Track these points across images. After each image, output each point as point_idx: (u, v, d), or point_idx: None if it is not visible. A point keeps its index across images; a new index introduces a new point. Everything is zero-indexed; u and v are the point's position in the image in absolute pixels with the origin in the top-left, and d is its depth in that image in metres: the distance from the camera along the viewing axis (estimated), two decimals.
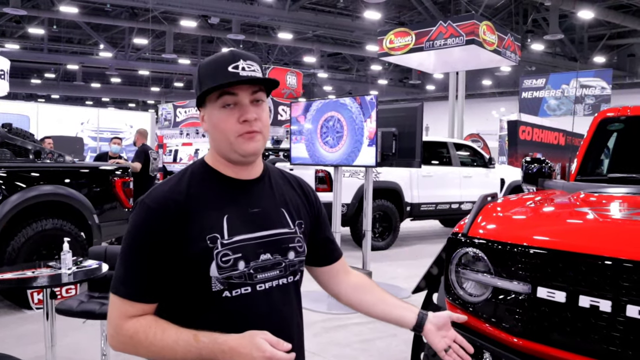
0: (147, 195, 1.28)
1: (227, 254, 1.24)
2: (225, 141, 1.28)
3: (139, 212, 1.25)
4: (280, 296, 1.33)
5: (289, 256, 1.34)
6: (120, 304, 1.23)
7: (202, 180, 1.30)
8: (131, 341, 1.21)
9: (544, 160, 3.38)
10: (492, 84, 33.55)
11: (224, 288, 1.24)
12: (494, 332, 1.97)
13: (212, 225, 1.24)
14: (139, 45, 28.60)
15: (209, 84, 1.26)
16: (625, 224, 2.07)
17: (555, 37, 21.87)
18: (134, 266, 1.23)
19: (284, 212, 1.37)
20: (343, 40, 28.38)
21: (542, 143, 16.06)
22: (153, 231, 1.22)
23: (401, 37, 12.58)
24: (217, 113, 1.28)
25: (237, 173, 1.33)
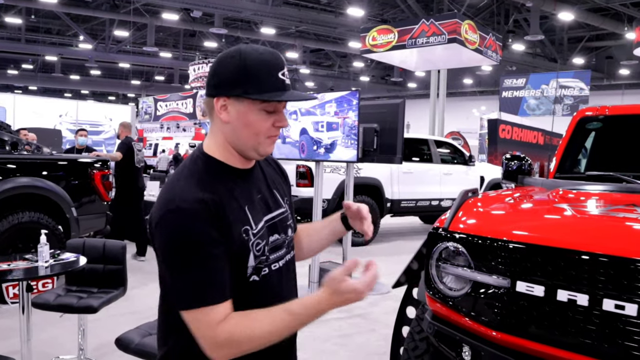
0: (170, 200, 1.20)
1: (259, 243, 1.29)
2: (252, 140, 1.29)
3: (178, 219, 1.18)
4: (286, 272, 1.40)
5: (288, 233, 1.42)
6: (204, 316, 1.17)
7: (217, 174, 1.29)
8: (230, 344, 1.18)
9: (524, 157, 3.42)
10: (473, 82, 33.85)
11: (253, 272, 1.28)
12: (473, 325, 1.98)
13: (241, 218, 1.26)
14: (119, 38, 28.22)
15: (258, 87, 1.24)
16: (602, 220, 2.10)
17: (535, 37, 22.12)
18: (203, 270, 1.17)
19: (276, 194, 1.43)
20: (326, 37, 28.36)
21: (521, 142, 16.27)
22: (203, 230, 1.18)
23: (384, 35, 12.61)
24: (255, 113, 1.27)
25: (240, 163, 1.34)
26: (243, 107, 1.26)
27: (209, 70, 1.35)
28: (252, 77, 1.24)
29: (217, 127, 1.32)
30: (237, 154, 1.32)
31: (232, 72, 1.25)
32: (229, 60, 1.27)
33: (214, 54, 31.08)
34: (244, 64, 1.25)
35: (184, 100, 23.25)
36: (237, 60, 1.26)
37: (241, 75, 1.24)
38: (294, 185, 7.95)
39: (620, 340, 1.64)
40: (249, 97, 1.24)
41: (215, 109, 1.28)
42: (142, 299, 5.18)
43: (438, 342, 2.12)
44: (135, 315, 4.55)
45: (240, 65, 1.25)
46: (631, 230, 1.89)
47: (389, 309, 5.00)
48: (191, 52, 32.22)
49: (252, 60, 1.25)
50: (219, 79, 1.27)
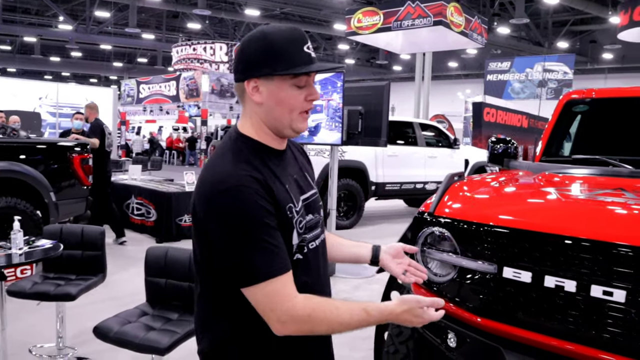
0: (225, 179, 1.22)
1: (301, 221, 1.33)
2: (286, 117, 1.31)
3: (233, 197, 1.20)
4: (322, 251, 1.45)
5: (320, 214, 1.46)
6: (277, 287, 1.21)
7: (257, 154, 1.31)
8: (309, 319, 1.22)
9: (510, 140, 3.38)
10: (458, 66, 33.83)
11: (296, 251, 1.32)
12: (459, 312, 1.95)
13: (284, 196, 1.29)
14: (100, 19, 27.66)
15: (286, 63, 1.26)
16: (590, 204, 2.06)
17: (520, 21, 22.10)
18: (268, 242, 1.21)
19: (307, 175, 1.47)
20: (311, 19, 28.08)
21: (505, 125, 16.32)
22: (260, 205, 1.21)
23: (369, 17, 12.50)
24: (287, 90, 1.29)
25: (277, 144, 1.37)
26: (274, 86, 1.29)
27: (234, 57, 1.38)
28: (279, 54, 1.27)
29: (250, 109, 1.34)
30: (273, 134, 1.35)
31: (259, 53, 1.28)
32: (253, 43, 1.30)
33: (198, 35, 30.65)
34: (269, 43, 1.28)
35: (167, 83, 22.90)
36: (261, 41, 1.29)
37: (268, 54, 1.27)
38: None
39: (608, 327, 1.61)
40: (279, 73, 1.27)
41: (246, 91, 1.31)
42: (123, 285, 5.10)
43: (423, 328, 2.08)
44: (116, 301, 4.48)
45: (266, 44, 1.28)
46: (619, 215, 1.85)
47: (374, 293, 4.99)
48: (174, 33, 31.73)
49: (276, 38, 1.28)
50: (246, 62, 1.30)
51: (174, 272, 2.74)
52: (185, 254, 2.75)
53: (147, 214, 7.51)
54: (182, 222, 7.21)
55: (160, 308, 2.74)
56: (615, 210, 1.88)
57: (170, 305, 2.75)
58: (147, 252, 2.85)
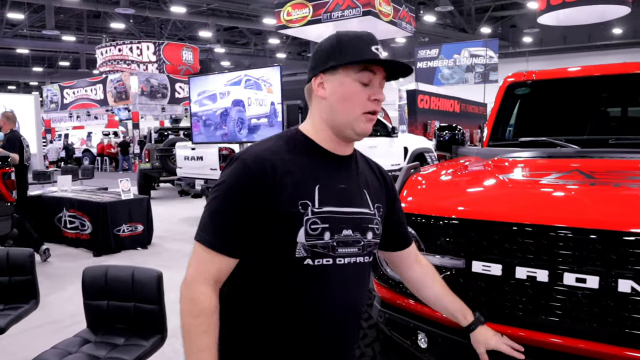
0: (245, 151, 1.31)
1: (316, 222, 1.26)
2: (349, 114, 1.29)
3: (235, 167, 1.27)
4: (355, 274, 1.36)
5: (367, 236, 1.36)
6: (202, 254, 1.26)
7: (296, 147, 1.31)
8: (187, 307, 1.24)
9: (456, 127, 3.35)
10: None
11: (307, 255, 1.26)
12: (428, 312, 1.86)
13: (305, 192, 1.26)
14: (14, 21, 26.11)
15: (350, 56, 1.27)
16: (549, 188, 2.02)
17: (445, 8, 22.65)
18: (221, 218, 1.25)
19: (365, 193, 1.39)
20: (239, 14, 27.67)
21: (439, 111, 16.67)
22: (245, 189, 1.24)
23: (298, 9, 12.41)
24: (350, 84, 1.28)
25: (334, 148, 1.35)
26: (338, 79, 1.29)
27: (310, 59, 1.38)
28: (345, 48, 1.28)
29: (314, 108, 1.35)
30: (334, 135, 1.33)
31: (327, 49, 1.31)
32: (325, 42, 1.33)
33: (123, 35, 29.50)
34: (339, 40, 1.30)
35: (93, 87, 21.90)
36: (332, 40, 1.31)
37: (335, 49, 1.29)
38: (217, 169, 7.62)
39: (583, 315, 1.56)
40: (342, 63, 1.27)
41: (313, 89, 1.33)
42: (61, 306, 4.73)
43: (390, 330, 1.99)
44: (54, 325, 4.16)
45: (335, 41, 1.30)
46: (584, 198, 1.81)
47: None
48: (97, 34, 30.42)
49: (346, 36, 1.31)
50: (316, 60, 1.32)
51: (116, 292, 2.51)
52: (128, 271, 2.53)
53: (81, 226, 7.07)
54: (120, 232, 6.84)
55: (104, 333, 2.51)
56: (579, 195, 1.84)
57: (114, 329, 2.52)
58: (84, 274, 2.60)
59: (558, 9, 11.95)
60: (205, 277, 1.24)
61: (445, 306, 1.61)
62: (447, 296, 1.60)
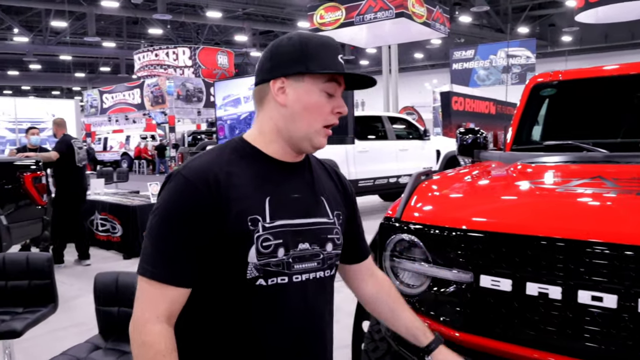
0: (184, 166, 1.17)
1: (268, 239, 1.15)
2: (310, 126, 1.20)
3: (175, 184, 1.14)
4: (315, 290, 1.24)
5: (327, 248, 1.26)
6: (149, 290, 1.12)
7: (242, 158, 1.21)
8: (140, 352, 1.10)
9: (479, 130, 3.23)
10: (424, 57, 33.96)
11: (259, 275, 1.15)
12: (434, 326, 1.76)
13: (253, 206, 1.16)
14: (58, 29, 26.94)
15: (319, 64, 1.18)
16: (569, 198, 1.89)
17: (481, 9, 22.25)
18: (167, 244, 1.12)
19: (323, 201, 1.29)
20: (274, 18, 27.84)
21: (474, 113, 16.37)
22: (190, 206, 1.12)
23: (331, 12, 12.37)
24: (316, 94, 1.20)
25: (283, 156, 1.24)
26: (303, 87, 1.19)
27: (261, 58, 1.26)
28: (314, 55, 1.19)
29: (267, 115, 1.23)
30: (286, 145, 1.23)
31: (292, 51, 1.20)
32: (285, 42, 1.22)
33: (160, 41, 30.07)
34: (305, 43, 1.20)
35: (131, 91, 22.41)
36: (296, 41, 1.21)
37: (302, 53, 1.19)
38: None
39: (598, 336, 1.44)
40: (313, 71, 1.17)
41: (271, 92, 1.20)
42: (86, 309, 4.74)
43: (398, 345, 1.90)
44: (78, 327, 4.20)
45: (301, 44, 1.20)
46: (602, 209, 1.69)
47: (352, 297, 4.79)
48: (136, 40, 31.11)
49: (312, 40, 1.21)
50: (275, 60, 1.21)
51: (127, 299, 2.50)
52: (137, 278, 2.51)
53: (112, 229, 7.20)
54: None
55: (114, 340, 2.50)
56: (598, 204, 1.72)
57: (124, 335, 2.50)
58: (96, 279, 2.61)
59: (597, 7, 11.53)
60: (157, 314, 1.10)
61: (405, 323, 1.42)
62: (405, 312, 1.43)
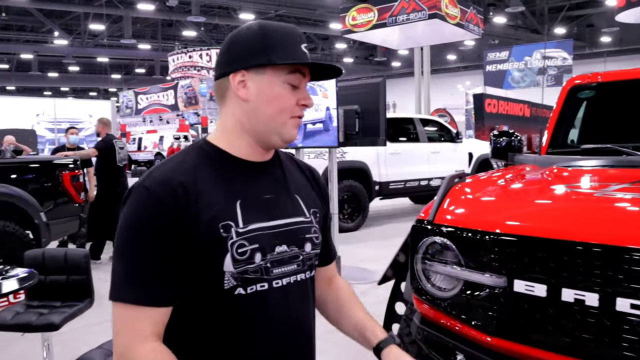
0: (145, 177, 1.08)
1: (244, 245, 1.08)
2: (276, 120, 1.13)
3: (138, 198, 1.05)
4: (297, 293, 1.18)
5: (305, 248, 1.20)
6: (129, 315, 1.02)
7: (208, 160, 1.13)
8: None
9: (513, 133, 3.17)
10: (457, 58, 33.58)
11: (237, 284, 1.08)
12: (467, 331, 1.75)
13: (224, 211, 1.08)
14: (95, 32, 27.59)
15: (282, 54, 1.11)
16: (608, 202, 1.85)
17: (516, 9, 21.88)
18: (139, 264, 1.03)
19: (298, 199, 1.22)
20: (306, 19, 27.92)
21: (507, 115, 16.11)
22: (158, 218, 1.03)
23: (363, 14, 12.34)
24: (279, 86, 1.12)
25: (251, 154, 1.17)
26: (265, 80, 1.12)
27: (219, 52, 1.18)
28: (276, 44, 1.11)
29: (229, 111, 1.16)
30: (253, 142, 1.16)
31: (252, 42, 1.12)
32: (244, 32, 1.14)
33: (194, 43, 30.50)
34: (266, 32, 1.12)
35: (165, 92, 22.73)
36: (256, 31, 1.13)
37: (263, 44, 1.11)
38: None
39: (637, 346, 1.40)
40: (275, 62, 1.10)
41: (231, 86, 1.13)
42: None
43: (428, 349, 1.89)
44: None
45: (261, 34, 1.12)
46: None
47: (381, 299, 4.76)
48: (170, 42, 31.60)
49: (273, 30, 1.13)
50: (235, 52, 1.13)
51: None
52: None
53: None
54: None
55: None
56: (638, 210, 1.67)
57: None
58: None
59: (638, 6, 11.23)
60: (143, 337, 1.02)
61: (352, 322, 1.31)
62: (353, 311, 1.33)
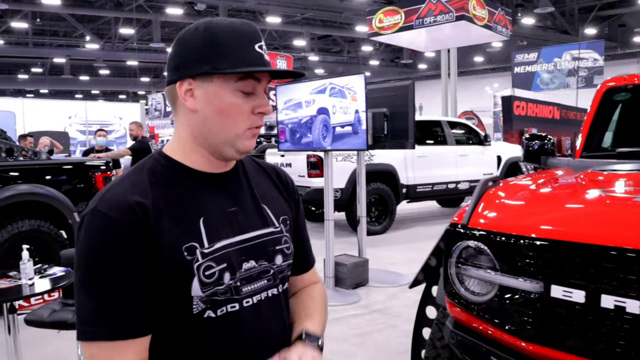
0: (98, 202, 0.97)
1: (211, 266, 1.00)
2: (229, 132, 1.04)
3: (94, 225, 0.95)
4: (270, 309, 1.11)
5: (276, 261, 1.12)
6: (107, 355, 0.94)
7: (166, 177, 1.04)
8: None
9: (546, 136, 3.13)
10: (484, 60, 33.20)
11: (206, 307, 1.01)
12: (501, 336, 1.73)
13: (187, 231, 1.00)
14: (125, 36, 28.10)
15: (230, 60, 1.00)
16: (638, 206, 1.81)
17: (545, 10, 21.56)
18: (111, 294, 0.94)
19: (265, 209, 1.14)
20: (332, 22, 27.94)
21: (537, 118, 15.83)
22: (120, 243, 0.94)
23: (390, 16, 12.31)
24: (229, 95, 1.02)
25: (209, 166, 1.09)
26: (213, 89, 1.02)
27: (169, 54, 1.08)
28: (222, 49, 1.00)
29: (181, 121, 1.07)
30: (207, 153, 1.07)
31: (197, 46, 1.02)
32: (191, 34, 1.03)
33: None
34: (211, 35, 1.01)
35: None
36: (201, 33, 1.02)
37: (208, 49, 1.01)
38: (305, 176, 7.71)
39: None
40: (219, 72, 1.00)
41: (178, 96, 1.04)
42: None
43: (462, 353, 1.87)
44: None
45: (207, 37, 1.01)
46: None
47: (409, 302, 4.76)
48: None
49: (221, 30, 1.02)
50: (181, 58, 1.03)
51: None
52: None
53: None
54: None
55: None
56: None
57: None
58: None
59: None
60: None
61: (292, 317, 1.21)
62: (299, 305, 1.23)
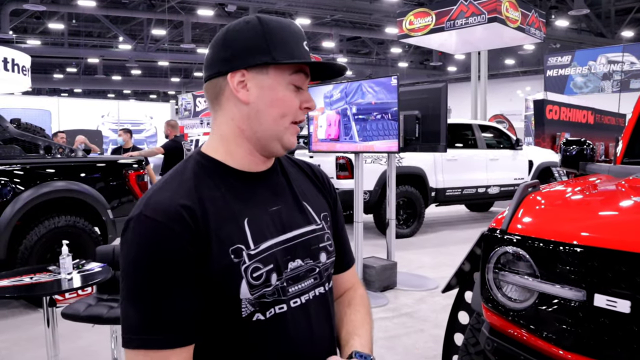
0: (144, 206, 0.95)
1: (258, 268, 0.99)
2: (279, 124, 1.04)
3: (141, 231, 0.92)
4: (318, 309, 1.09)
5: (321, 259, 1.11)
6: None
7: (209, 178, 1.03)
8: None
9: (585, 141, 3.06)
10: (516, 62, 32.71)
11: (255, 310, 0.99)
12: (539, 343, 1.69)
13: (233, 233, 0.98)
14: (157, 37, 28.55)
15: (286, 53, 1.02)
16: None
17: (580, 12, 21.15)
18: (160, 303, 0.91)
19: (306, 206, 1.13)
20: (362, 24, 27.89)
21: (570, 122, 15.54)
22: (169, 250, 0.92)
23: (421, 18, 12.24)
24: (283, 89, 1.03)
25: (251, 163, 1.08)
26: (268, 81, 1.02)
27: (212, 47, 1.07)
28: (279, 42, 1.02)
29: (226, 115, 1.06)
30: (254, 150, 1.06)
31: (253, 37, 1.02)
32: (243, 26, 1.03)
33: None
34: (267, 28, 1.02)
35: None
36: (256, 26, 1.03)
37: (265, 40, 1.01)
38: (333, 178, 7.71)
39: None
40: (281, 62, 1.01)
41: (228, 87, 1.03)
42: None
43: None
44: None
45: (263, 30, 1.02)
46: None
47: (438, 307, 4.72)
48: None
49: (275, 25, 1.03)
50: (233, 50, 1.02)
51: None
52: None
53: None
54: None
55: None
56: None
57: None
58: None
59: None
60: None
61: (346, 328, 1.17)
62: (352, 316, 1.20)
